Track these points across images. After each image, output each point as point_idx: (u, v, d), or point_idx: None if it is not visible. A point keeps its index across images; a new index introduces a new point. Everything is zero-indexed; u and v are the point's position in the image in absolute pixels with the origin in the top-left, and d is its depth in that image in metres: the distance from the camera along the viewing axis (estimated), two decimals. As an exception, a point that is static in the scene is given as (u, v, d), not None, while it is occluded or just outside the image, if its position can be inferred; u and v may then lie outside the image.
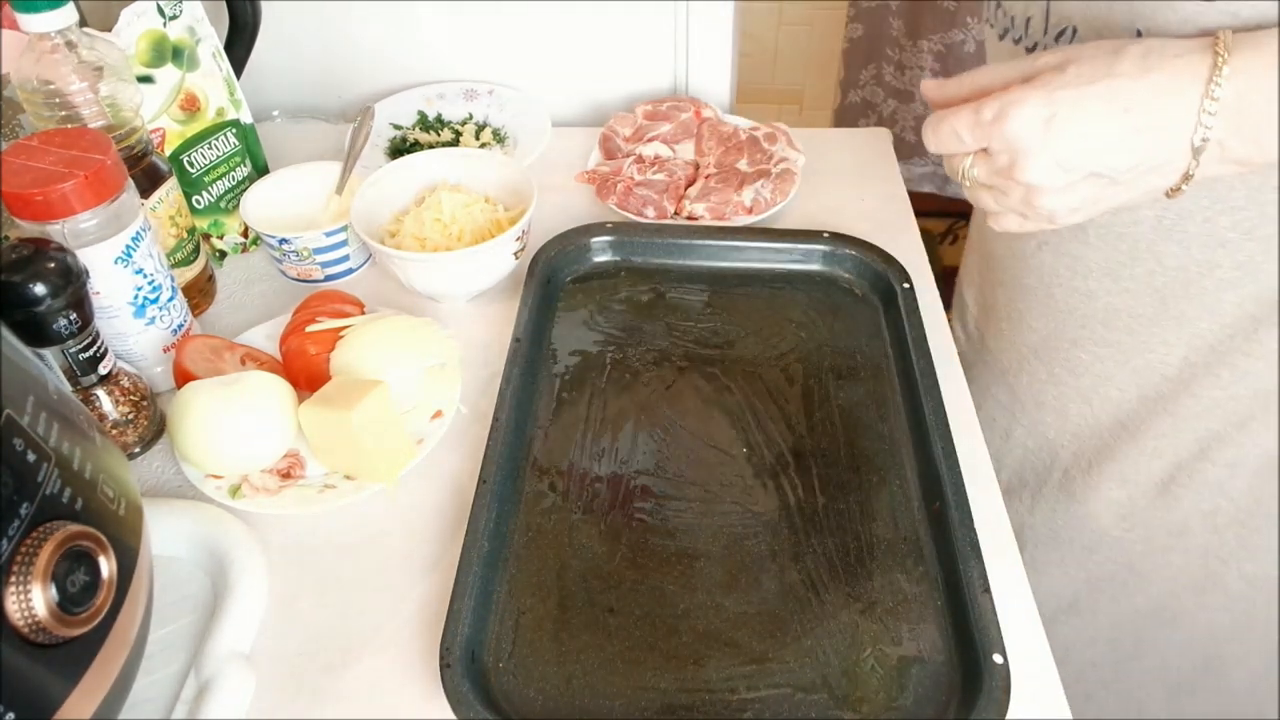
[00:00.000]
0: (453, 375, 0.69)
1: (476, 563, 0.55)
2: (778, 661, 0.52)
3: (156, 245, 0.65)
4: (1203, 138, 0.44)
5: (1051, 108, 0.46)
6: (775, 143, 0.89)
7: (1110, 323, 0.66)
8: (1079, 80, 0.45)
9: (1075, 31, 0.57)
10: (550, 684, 0.51)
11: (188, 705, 0.50)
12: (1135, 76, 0.45)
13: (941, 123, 0.50)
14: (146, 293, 0.65)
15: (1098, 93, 0.45)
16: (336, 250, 0.78)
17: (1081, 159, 0.46)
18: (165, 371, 0.69)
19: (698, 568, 0.57)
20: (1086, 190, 0.48)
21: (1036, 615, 0.55)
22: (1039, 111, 0.46)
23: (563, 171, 0.91)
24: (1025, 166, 0.47)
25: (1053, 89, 0.46)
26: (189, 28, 0.75)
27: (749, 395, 0.68)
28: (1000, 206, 0.52)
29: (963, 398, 0.68)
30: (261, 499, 0.61)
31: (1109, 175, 0.47)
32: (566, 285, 0.78)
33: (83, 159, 0.57)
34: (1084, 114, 0.45)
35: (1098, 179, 0.47)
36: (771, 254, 0.78)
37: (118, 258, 0.61)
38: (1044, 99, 0.46)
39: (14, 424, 0.37)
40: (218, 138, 0.80)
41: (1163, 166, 0.47)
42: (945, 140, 0.50)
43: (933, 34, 1.97)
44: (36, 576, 0.36)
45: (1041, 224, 0.51)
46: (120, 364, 0.64)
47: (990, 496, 0.61)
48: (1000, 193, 0.50)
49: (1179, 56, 0.44)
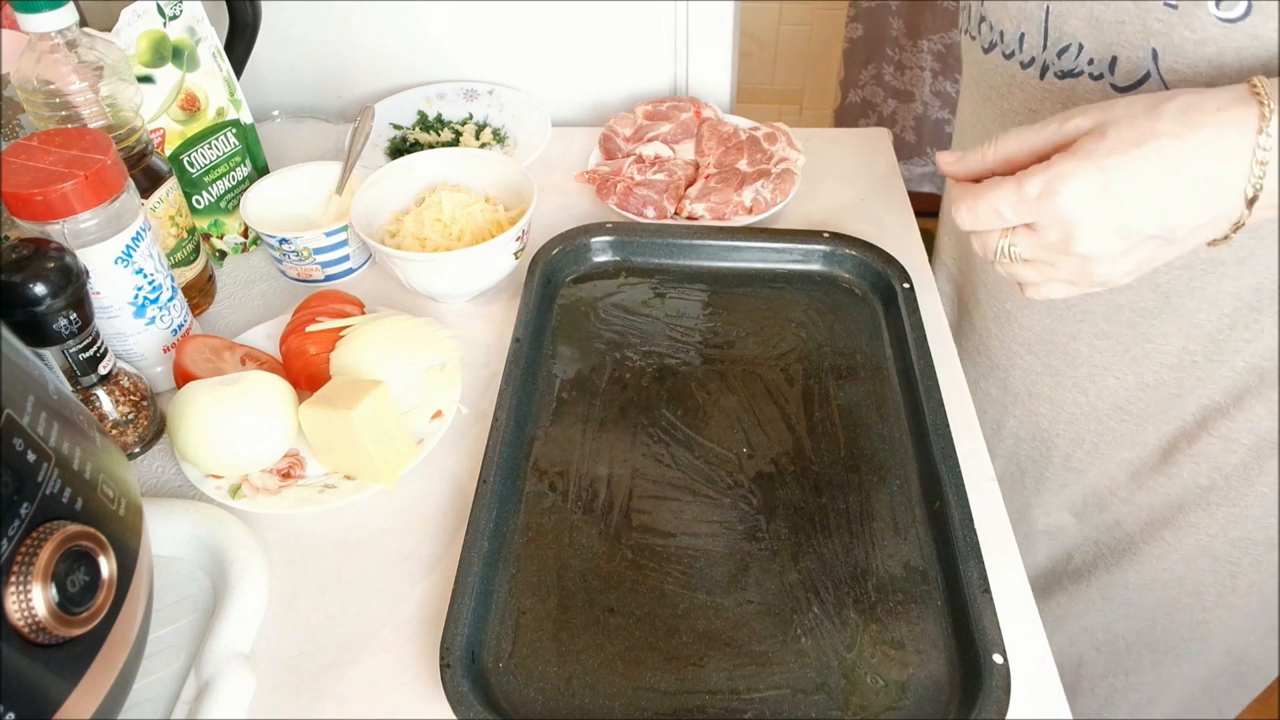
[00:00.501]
0: (453, 375, 0.69)
1: (476, 563, 0.55)
2: (777, 662, 0.52)
3: (156, 245, 0.65)
4: (1255, 188, 0.43)
5: (1103, 175, 0.44)
6: (775, 143, 0.89)
7: (1112, 317, 0.66)
8: (1124, 144, 0.44)
9: (1082, 48, 0.56)
10: (550, 684, 0.51)
11: (188, 705, 0.50)
12: (1181, 135, 0.43)
13: (979, 200, 0.48)
14: (146, 293, 0.65)
15: (1147, 155, 0.43)
16: (336, 250, 0.78)
17: (1142, 224, 0.45)
18: (165, 371, 0.69)
19: (698, 568, 0.57)
20: (1143, 253, 0.47)
21: (1037, 615, 0.55)
22: (1091, 181, 0.44)
23: (563, 171, 0.91)
24: (1081, 239, 0.45)
25: (1099, 157, 0.44)
26: (189, 28, 0.75)
27: (749, 395, 0.68)
28: (1044, 278, 0.50)
29: (963, 398, 0.68)
30: (261, 499, 0.61)
31: (1166, 236, 0.46)
32: (566, 285, 0.78)
33: (83, 159, 0.57)
34: (1139, 179, 0.44)
35: (1155, 240, 0.46)
36: (771, 254, 0.78)
37: (118, 258, 0.61)
38: (1094, 168, 0.44)
39: (14, 424, 0.37)
40: (218, 138, 0.80)
41: (1217, 220, 0.45)
42: (984, 218, 0.48)
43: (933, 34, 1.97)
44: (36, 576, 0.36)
45: (1093, 289, 0.50)
46: (120, 364, 0.64)
47: (990, 496, 0.61)
48: (1047, 265, 0.49)
49: (1221, 110, 0.43)
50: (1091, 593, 0.81)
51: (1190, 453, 0.68)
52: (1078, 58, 0.57)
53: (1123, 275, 0.48)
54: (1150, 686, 0.83)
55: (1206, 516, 0.70)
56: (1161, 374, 0.66)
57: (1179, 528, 0.72)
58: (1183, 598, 0.75)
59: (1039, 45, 0.59)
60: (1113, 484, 0.75)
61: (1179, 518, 0.71)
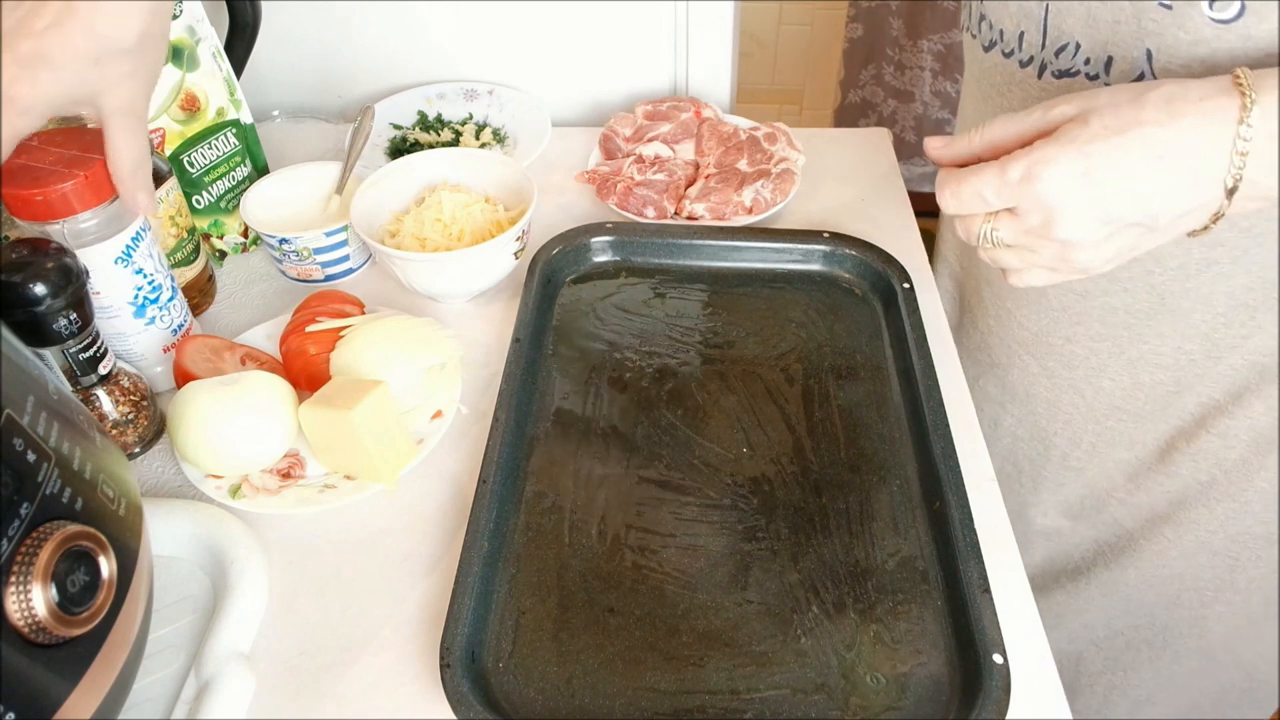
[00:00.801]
0: (453, 375, 0.69)
1: (476, 563, 0.55)
2: (777, 662, 0.52)
3: (156, 245, 0.65)
4: (1235, 178, 0.44)
5: (1085, 161, 0.44)
6: (775, 143, 0.89)
7: (1107, 319, 0.66)
8: (1107, 131, 0.44)
9: (1079, 47, 0.56)
10: (550, 684, 0.51)
11: (188, 705, 0.50)
12: (1164, 124, 0.44)
13: (962, 184, 0.48)
14: (146, 293, 0.65)
15: (1130, 142, 0.44)
16: (336, 250, 0.78)
17: (1122, 210, 0.45)
18: (165, 371, 0.69)
19: (698, 568, 0.57)
20: (1123, 240, 0.47)
21: (1037, 615, 0.55)
22: (1073, 166, 0.44)
23: (563, 171, 0.91)
24: (1062, 224, 0.46)
25: (1082, 143, 0.44)
26: (189, 28, 0.75)
27: (749, 395, 0.68)
28: (1025, 264, 0.50)
29: (962, 397, 0.68)
30: (261, 499, 0.61)
31: (1147, 224, 0.46)
32: (566, 285, 0.78)
33: (82, 159, 0.57)
34: (1121, 165, 0.44)
35: (1135, 228, 0.46)
36: (771, 254, 0.78)
37: (118, 258, 0.61)
38: (1076, 154, 0.44)
39: (14, 424, 0.37)
40: (218, 138, 0.80)
41: (1197, 210, 0.46)
42: (967, 202, 0.48)
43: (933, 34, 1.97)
44: (36, 576, 0.36)
45: (1073, 276, 0.50)
46: (120, 364, 0.64)
47: (990, 496, 0.61)
48: (1028, 251, 0.49)
49: (1204, 100, 0.44)
50: (1091, 590, 0.81)
51: (1189, 451, 0.69)
52: (1075, 57, 0.57)
53: (1103, 263, 0.48)
54: (1149, 684, 0.83)
55: (1206, 512, 0.70)
56: (1158, 374, 0.66)
57: (1179, 524, 0.72)
58: (1182, 593, 0.75)
59: (1038, 44, 0.59)
60: (1111, 484, 0.75)
61: (1179, 514, 0.72)
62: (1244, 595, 0.73)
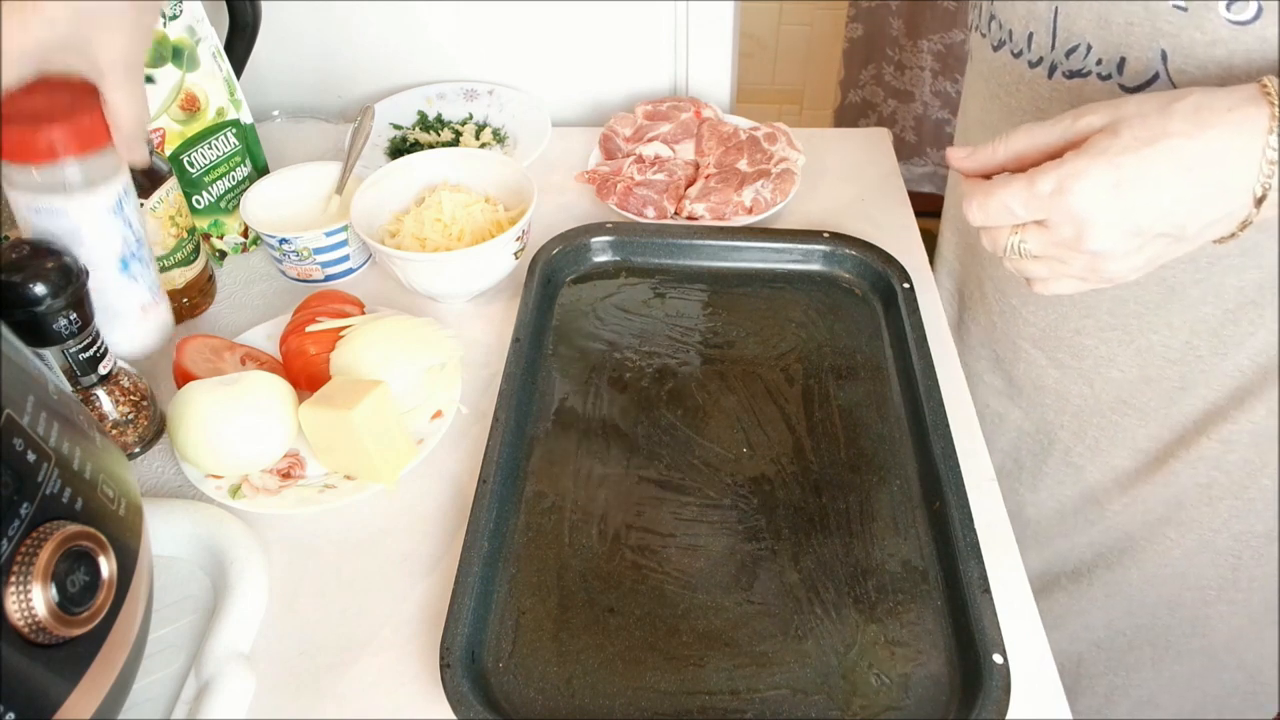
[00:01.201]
0: (453, 375, 0.69)
1: (476, 563, 0.55)
2: (778, 662, 0.52)
3: (133, 197, 0.63)
4: (1264, 186, 0.44)
5: (1116, 173, 0.44)
6: (775, 143, 0.89)
7: (1117, 310, 0.66)
8: (1137, 143, 0.44)
9: (1090, 48, 0.56)
10: (550, 684, 0.51)
11: (188, 705, 0.50)
12: (1192, 134, 0.44)
13: (990, 197, 0.48)
14: (133, 247, 0.63)
15: (1159, 154, 0.44)
16: (336, 250, 0.78)
17: (1152, 222, 0.45)
18: (143, 333, 0.67)
19: (698, 568, 0.57)
20: (1153, 250, 0.47)
21: (1037, 615, 0.55)
22: (1104, 179, 0.44)
23: (563, 171, 0.91)
24: (1094, 236, 0.46)
25: (1113, 155, 0.44)
26: (189, 28, 0.75)
27: (749, 395, 0.68)
28: (1054, 274, 0.50)
29: (962, 397, 0.68)
30: (261, 499, 0.61)
31: (1175, 234, 0.46)
32: (566, 285, 0.78)
33: (82, 103, 0.55)
34: (1151, 177, 0.44)
35: (1165, 238, 0.46)
36: (771, 254, 0.78)
37: (113, 208, 0.60)
38: (1108, 166, 0.44)
39: (14, 424, 0.37)
40: (218, 138, 0.80)
41: (1225, 218, 0.46)
42: (995, 214, 0.48)
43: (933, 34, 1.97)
44: (36, 576, 0.36)
45: (1101, 285, 0.50)
46: (120, 364, 0.64)
47: (990, 496, 0.61)
48: (1058, 262, 0.49)
49: (1232, 110, 0.43)
50: (1093, 590, 0.81)
51: (1188, 458, 0.69)
52: (1086, 58, 0.57)
53: (1131, 271, 0.48)
54: (1151, 684, 0.83)
55: (1209, 511, 0.70)
56: (1165, 368, 0.67)
57: (1181, 524, 0.72)
58: (1184, 593, 0.75)
59: (1047, 45, 0.59)
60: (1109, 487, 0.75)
61: (1180, 514, 0.72)
62: (1246, 594, 0.73)
